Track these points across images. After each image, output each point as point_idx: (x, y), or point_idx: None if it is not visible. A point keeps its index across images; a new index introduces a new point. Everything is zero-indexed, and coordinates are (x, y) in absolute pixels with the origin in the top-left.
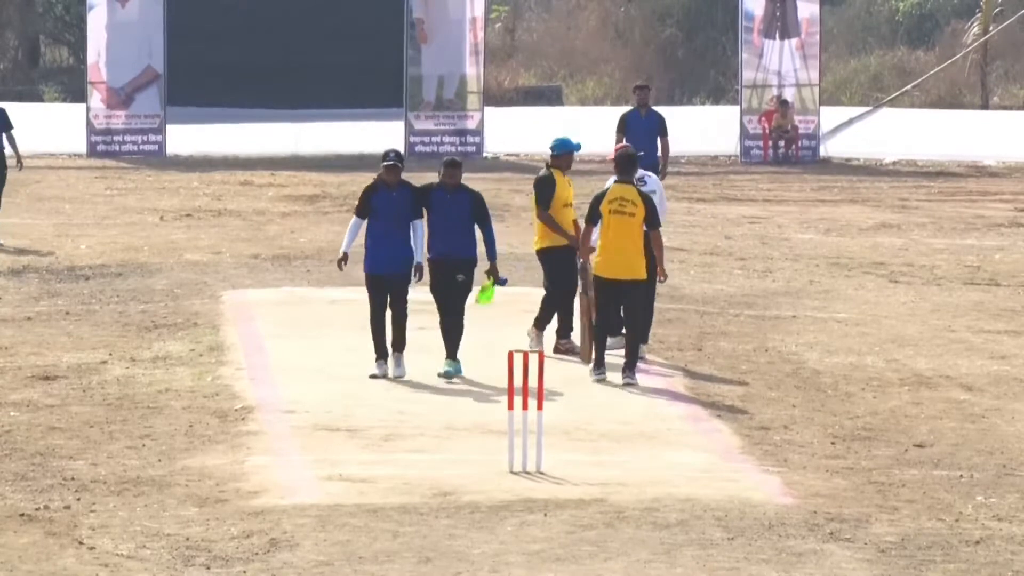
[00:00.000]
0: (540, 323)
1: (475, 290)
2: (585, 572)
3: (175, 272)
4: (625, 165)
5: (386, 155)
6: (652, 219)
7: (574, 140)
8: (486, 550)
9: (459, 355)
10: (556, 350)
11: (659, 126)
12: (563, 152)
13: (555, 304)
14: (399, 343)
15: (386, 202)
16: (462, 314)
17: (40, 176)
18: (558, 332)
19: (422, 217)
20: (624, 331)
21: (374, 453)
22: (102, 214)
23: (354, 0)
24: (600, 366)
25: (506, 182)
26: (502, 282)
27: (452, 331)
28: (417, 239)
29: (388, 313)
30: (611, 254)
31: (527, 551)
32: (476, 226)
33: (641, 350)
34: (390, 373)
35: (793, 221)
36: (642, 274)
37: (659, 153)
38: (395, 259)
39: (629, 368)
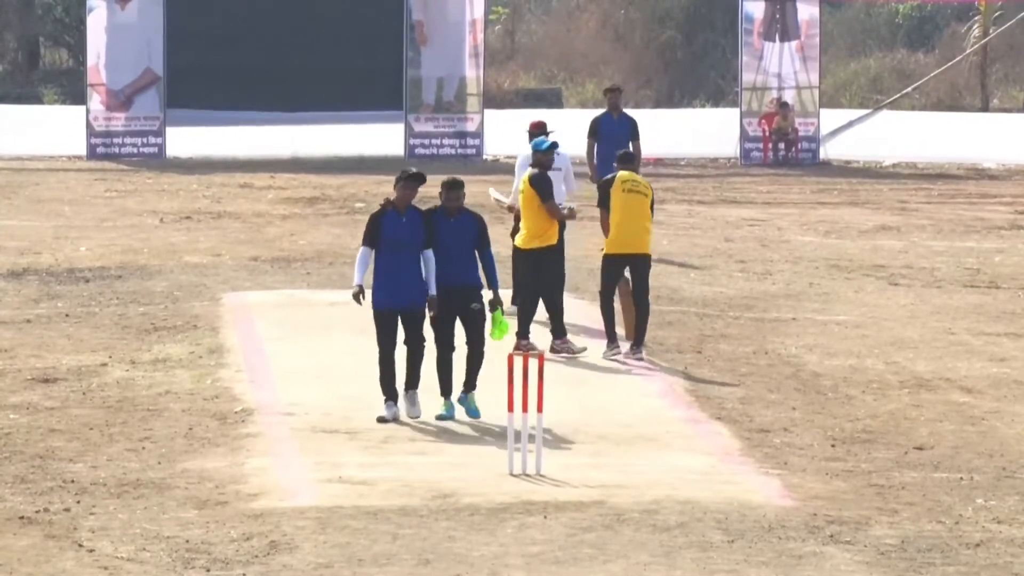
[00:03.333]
0: (557, 331)
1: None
2: (585, 574)
3: (175, 274)
4: (625, 160)
5: (407, 169)
6: (652, 205)
7: (550, 140)
8: (486, 552)
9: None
10: (517, 348)
11: (631, 130)
12: (547, 149)
13: (531, 305)
14: (413, 380)
15: (396, 228)
16: (482, 344)
17: (39, 178)
18: (519, 333)
19: (432, 247)
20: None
21: (373, 455)
22: (102, 216)
23: (354, 2)
24: (614, 341)
25: (506, 184)
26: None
27: (471, 362)
28: (429, 270)
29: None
30: (623, 229)
31: (527, 553)
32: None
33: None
34: (403, 415)
35: (793, 223)
36: (649, 249)
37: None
38: (409, 291)
39: (638, 344)
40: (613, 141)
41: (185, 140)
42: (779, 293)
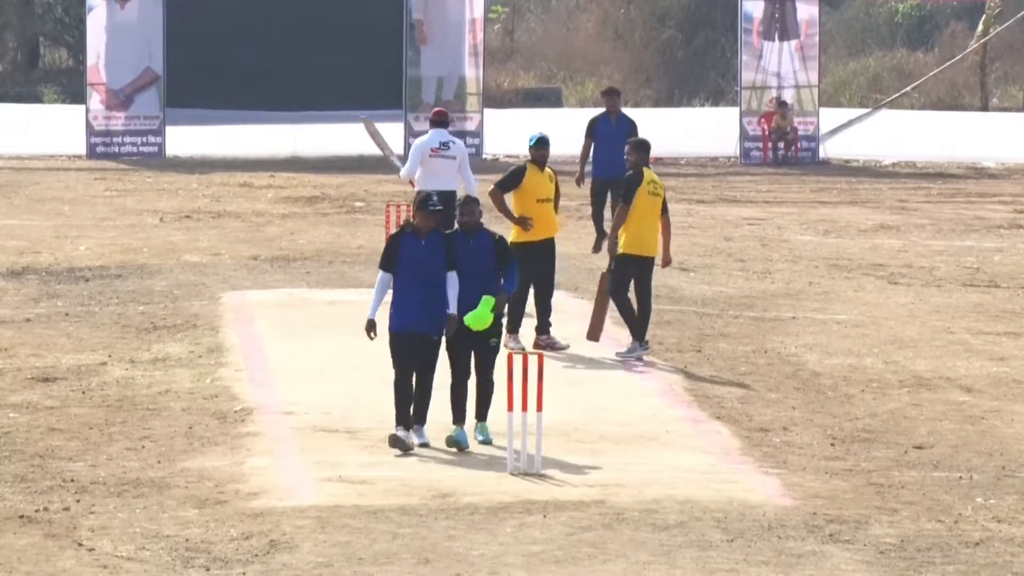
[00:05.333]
0: (512, 326)
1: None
2: (584, 574)
3: (174, 273)
4: (643, 148)
5: (429, 198)
6: (665, 204)
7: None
8: (485, 551)
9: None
10: (536, 345)
11: (630, 131)
12: (533, 144)
13: (545, 301)
14: (420, 415)
15: (415, 252)
16: (491, 374)
17: (39, 178)
18: (538, 328)
19: (455, 269)
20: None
21: (373, 455)
22: (101, 215)
23: (353, 2)
24: (641, 338)
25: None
26: (500, 318)
27: (481, 392)
28: (452, 293)
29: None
30: (643, 232)
31: (526, 552)
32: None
33: None
34: (414, 441)
35: (792, 223)
36: (657, 252)
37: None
38: (427, 317)
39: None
40: (611, 142)
41: (185, 139)
42: (779, 292)
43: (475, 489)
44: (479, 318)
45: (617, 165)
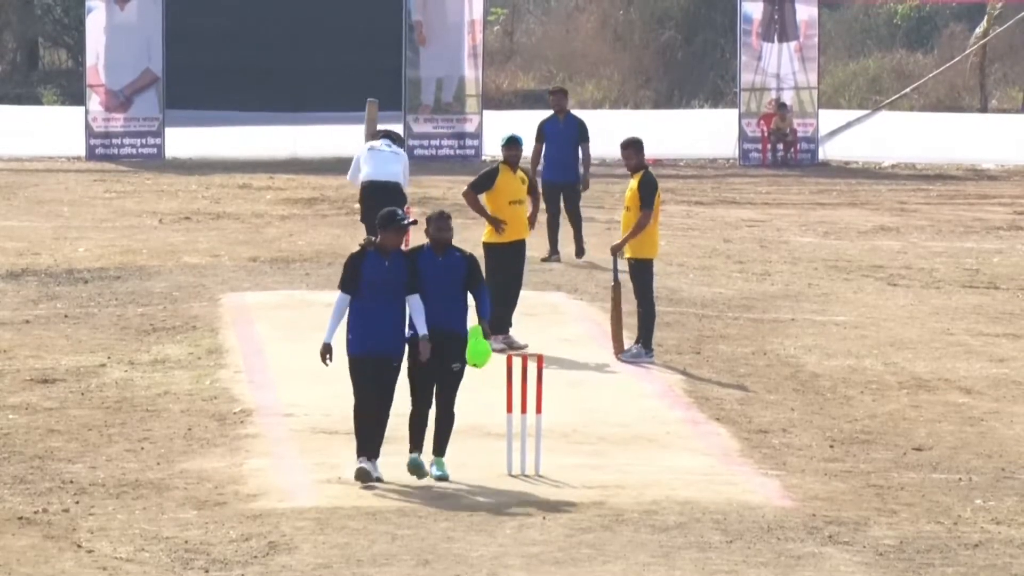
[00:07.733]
0: (502, 327)
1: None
2: (584, 575)
3: (174, 275)
4: (639, 146)
5: (393, 215)
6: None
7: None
8: (485, 553)
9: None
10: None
11: (579, 132)
12: (505, 144)
13: (510, 299)
14: (374, 448)
15: (378, 273)
16: (452, 406)
17: (39, 179)
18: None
19: (417, 292)
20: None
21: None
22: (101, 217)
23: (352, 3)
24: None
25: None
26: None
27: (441, 425)
28: (416, 316)
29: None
30: (656, 235)
31: (526, 554)
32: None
33: None
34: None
35: (792, 224)
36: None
37: (581, 160)
38: (388, 340)
39: (638, 343)
40: (558, 143)
41: (184, 141)
42: (778, 294)
43: (474, 490)
44: (480, 352)
45: (567, 168)
